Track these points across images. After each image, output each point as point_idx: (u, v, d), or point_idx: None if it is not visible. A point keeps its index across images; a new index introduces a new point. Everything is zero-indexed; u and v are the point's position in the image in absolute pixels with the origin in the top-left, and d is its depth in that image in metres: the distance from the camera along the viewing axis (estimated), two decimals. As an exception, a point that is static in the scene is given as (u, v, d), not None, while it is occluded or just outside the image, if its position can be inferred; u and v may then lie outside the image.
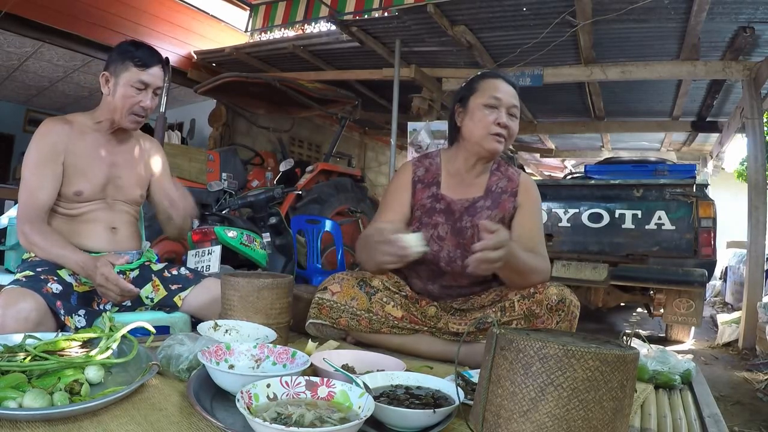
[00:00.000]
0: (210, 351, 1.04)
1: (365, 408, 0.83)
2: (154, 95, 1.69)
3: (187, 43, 6.07)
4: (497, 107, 1.55)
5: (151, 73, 1.65)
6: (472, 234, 1.57)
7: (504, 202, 1.62)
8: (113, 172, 1.71)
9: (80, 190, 1.63)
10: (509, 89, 1.58)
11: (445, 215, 1.62)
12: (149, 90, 1.66)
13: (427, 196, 1.65)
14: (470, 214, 1.60)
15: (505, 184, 1.64)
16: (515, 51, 4.58)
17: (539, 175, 11.56)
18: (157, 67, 1.67)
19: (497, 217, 1.59)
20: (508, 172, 1.68)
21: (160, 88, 1.70)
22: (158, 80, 1.67)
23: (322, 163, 5.24)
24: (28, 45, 5.29)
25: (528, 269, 1.46)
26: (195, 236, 2.98)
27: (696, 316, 3.86)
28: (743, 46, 4.13)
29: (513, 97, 1.58)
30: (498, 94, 1.56)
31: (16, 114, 7.79)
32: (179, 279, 1.75)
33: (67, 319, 1.43)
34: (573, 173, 7.21)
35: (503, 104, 1.55)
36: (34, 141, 1.60)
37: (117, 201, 1.73)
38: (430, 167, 1.69)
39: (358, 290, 1.56)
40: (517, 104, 1.58)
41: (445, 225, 1.61)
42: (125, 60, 1.63)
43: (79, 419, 0.86)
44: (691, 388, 1.42)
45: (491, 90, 1.57)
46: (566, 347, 0.73)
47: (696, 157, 8.62)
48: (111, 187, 1.71)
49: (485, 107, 1.56)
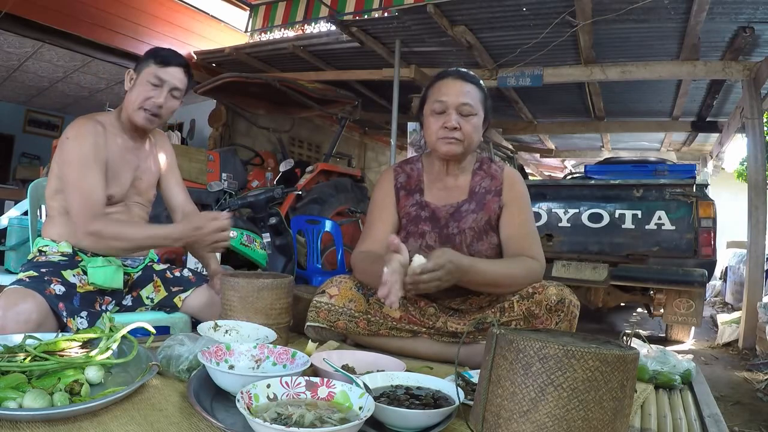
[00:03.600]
0: (210, 351, 1.04)
1: (365, 408, 0.83)
2: (172, 96, 1.66)
3: (187, 43, 6.07)
4: (444, 111, 1.51)
5: (170, 71, 1.63)
6: (461, 240, 1.56)
7: (488, 203, 1.58)
8: (136, 174, 1.72)
9: (112, 194, 1.63)
10: (458, 88, 1.51)
11: (431, 223, 1.59)
12: (165, 87, 1.63)
13: (411, 204, 1.62)
14: (456, 219, 1.58)
15: (488, 184, 1.60)
16: (515, 51, 4.58)
17: (539, 175, 11.56)
18: (178, 68, 1.65)
19: (483, 220, 1.56)
20: (491, 169, 1.63)
21: (178, 90, 1.67)
22: (176, 80, 1.65)
23: (322, 163, 5.24)
24: (28, 45, 5.29)
25: (503, 279, 1.42)
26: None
27: (696, 316, 3.86)
28: (743, 46, 4.13)
29: (462, 94, 1.50)
30: (442, 97, 1.51)
31: (16, 114, 7.79)
32: (181, 281, 1.75)
33: (69, 321, 1.43)
34: (573, 173, 7.22)
35: (450, 105, 1.50)
36: (75, 141, 1.56)
37: (135, 203, 1.74)
38: (411, 173, 1.67)
39: (355, 292, 1.55)
40: (468, 101, 1.50)
41: (432, 233, 1.58)
42: (148, 58, 1.64)
43: (79, 419, 0.86)
44: (691, 388, 1.42)
45: (436, 94, 1.53)
46: (566, 347, 0.73)
47: (696, 157, 8.62)
48: (132, 190, 1.72)
49: (433, 114, 1.53)
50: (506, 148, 7.44)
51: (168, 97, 1.65)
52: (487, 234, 1.56)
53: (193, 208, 1.89)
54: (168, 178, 1.88)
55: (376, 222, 1.63)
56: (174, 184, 1.89)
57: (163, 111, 1.66)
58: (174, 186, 1.89)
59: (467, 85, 1.52)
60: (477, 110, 1.52)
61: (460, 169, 1.62)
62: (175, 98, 1.68)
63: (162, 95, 1.63)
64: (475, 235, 1.56)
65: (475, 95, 1.53)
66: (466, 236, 1.56)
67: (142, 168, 1.74)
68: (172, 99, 1.67)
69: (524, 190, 1.61)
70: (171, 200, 1.89)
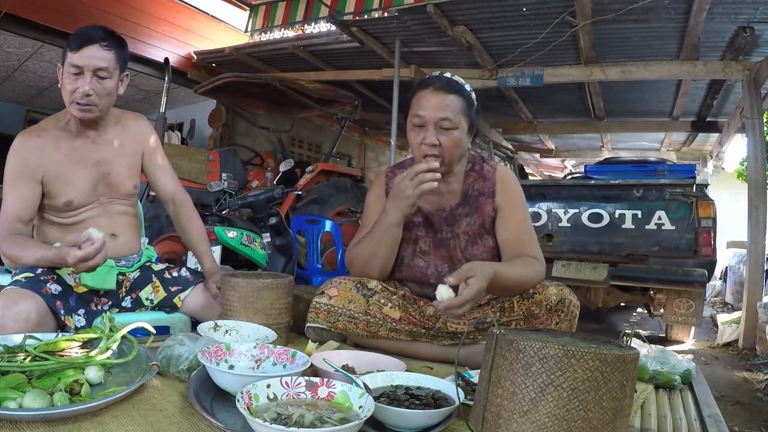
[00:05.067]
0: (210, 351, 1.04)
1: (365, 408, 0.83)
2: (99, 78, 1.48)
3: (187, 43, 6.07)
4: (423, 125, 1.47)
5: (85, 53, 1.44)
6: (455, 245, 1.55)
7: (482, 206, 1.55)
8: (101, 170, 1.61)
9: (69, 200, 1.56)
10: (437, 101, 1.45)
11: (424, 228, 1.59)
12: (86, 73, 1.46)
13: None
14: (449, 224, 1.57)
15: (481, 185, 1.58)
16: (515, 51, 4.58)
17: (539, 175, 11.56)
18: (94, 46, 1.45)
19: (477, 224, 1.54)
20: (483, 170, 1.59)
21: (103, 69, 1.47)
22: (96, 60, 1.45)
23: (322, 163, 5.24)
24: (28, 45, 5.28)
25: (517, 282, 1.41)
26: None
27: (696, 316, 3.86)
28: (743, 46, 4.13)
29: (441, 109, 1.44)
30: (420, 111, 1.46)
31: (16, 114, 7.78)
32: (179, 281, 1.72)
33: (67, 319, 1.43)
34: (573, 173, 7.22)
35: (428, 120, 1.44)
36: (9, 157, 1.51)
37: (111, 200, 1.65)
38: None
39: (355, 293, 1.55)
40: (448, 115, 1.43)
41: (426, 238, 1.58)
42: (65, 46, 1.47)
43: (79, 419, 0.86)
44: (691, 388, 1.42)
45: (415, 107, 1.48)
46: (566, 347, 0.73)
47: (696, 157, 8.62)
48: (102, 187, 1.62)
49: (414, 128, 1.50)
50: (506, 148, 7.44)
51: (94, 82, 1.47)
52: (482, 237, 1.55)
53: (184, 196, 1.80)
54: (149, 165, 1.74)
55: (369, 226, 1.62)
56: (157, 169, 1.76)
57: (96, 98, 1.49)
58: (157, 172, 1.76)
59: (447, 97, 1.45)
60: (458, 123, 1.46)
61: (451, 175, 1.59)
62: (104, 78, 1.49)
63: (86, 82, 1.46)
64: (469, 239, 1.55)
65: (456, 106, 1.46)
66: (461, 240, 1.55)
67: (107, 160, 1.62)
68: (101, 81, 1.49)
69: (518, 190, 1.58)
70: (159, 191, 1.79)
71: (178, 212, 1.80)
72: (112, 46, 1.49)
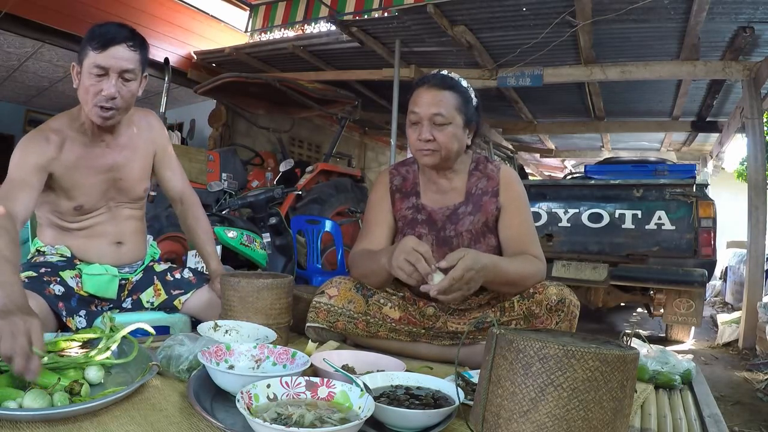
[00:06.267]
0: (210, 351, 1.04)
1: (365, 408, 0.83)
2: (124, 80, 1.42)
3: (187, 43, 6.07)
4: (418, 122, 1.49)
5: (111, 53, 1.38)
6: (458, 243, 1.55)
7: (486, 204, 1.56)
8: (113, 175, 1.58)
9: (80, 204, 1.53)
10: (430, 97, 1.47)
11: (428, 226, 1.59)
12: (111, 75, 1.39)
13: (407, 206, 1.62)
14: (452, 222, 1.57)
15: (485, 184, 1.59)
16: (515, 51, 4.58)
17: (539, 175, 11.56)
18: (120, 46, 1.39)
19: (480, 222, 1.55)
20: (487, 169, 1.60)
21: (129, 71, 1.42)
22: (122, 62, 1.39)
23: (322, 163, 5.24)
24: (28, 45, 5.28)
25: (518, 278, 1.42)
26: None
27: (696, 316, 3.86)
28: (743, 46, 4.13)
29: (434, 105, 1.46)
30: (415, 108, 1.49)
31: (16, 114, 7.78)
32: (181, 283, 1.71)
33: (69, 320, 1.43)
34: (573, 173, 7.22)
35: (422, 117, 1.47)
36: (18, 151, 1.43)
37: (120, 204, 1.62)
38: (407, 175, 1.66)
39: (355, 293, 1.55)
40: (440, 111, 1.45)
41: (428, 236, 1.58)
42: (85, 45, 1.39)
43: (79, 419, 0.86)
44: (691, 388, 1.42)
45: (411, 105, 1.50)
46: (566, 347, 0.73)
47: (696, 157, 8.63)
48: (112, 191, 1.59)
49: (410, 125, 1.52)
50: (506, 148, 7.45)
51: (119, 84, 1.41)
52: (485, 236, 1.56)
53: (193, 197, 1.79)
54: (160, 165, 1.72)
55: (373, 224, 1.63)
56: (167, 169, 1.73)
57: (120, 101, 1.43)
58: (167, 171, 1.73)
59: (441, 93, 1.47)
60: (451, 118, 1.47)
61: (452, 172, 1.60)
62: (129, 81, 1.44)
63: (111, 84, 1.39)
64: (472, 238, 1.55)
65: (450, 102, 1.47)
66: (464, 238, 1.55)
67: (120, 165, 1.57)
68: (126, 83, 1.43)
69: (521, 190, 1.59)
70: (168, 190, 1.77)
71: (185, 212, 1.79)
72: (137, 46, 1.44)
